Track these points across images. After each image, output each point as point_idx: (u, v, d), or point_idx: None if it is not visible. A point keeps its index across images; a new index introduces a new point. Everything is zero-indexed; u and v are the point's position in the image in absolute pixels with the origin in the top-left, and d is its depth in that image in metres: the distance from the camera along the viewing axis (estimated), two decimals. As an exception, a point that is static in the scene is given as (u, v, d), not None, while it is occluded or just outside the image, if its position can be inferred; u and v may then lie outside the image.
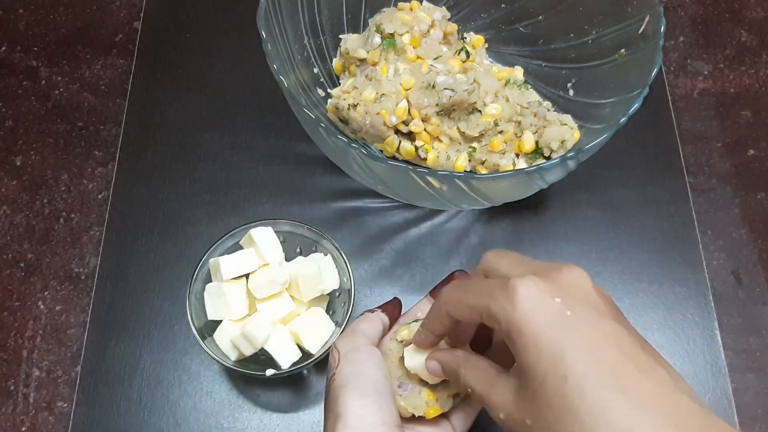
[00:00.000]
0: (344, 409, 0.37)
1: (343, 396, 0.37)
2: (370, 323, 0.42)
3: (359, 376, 0.38)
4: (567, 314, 0.31)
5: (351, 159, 0.47)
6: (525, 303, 0.31)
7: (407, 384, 0.40)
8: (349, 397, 0.37)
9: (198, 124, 0.63)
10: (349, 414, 0.36)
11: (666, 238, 0.59)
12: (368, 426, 0.36)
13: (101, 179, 0.61)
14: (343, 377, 0.38)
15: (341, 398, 0.37)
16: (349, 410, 0.37)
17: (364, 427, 0.36)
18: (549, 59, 0.60)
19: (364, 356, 0.39)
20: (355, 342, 0.40)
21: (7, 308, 0.56)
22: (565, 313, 0.31)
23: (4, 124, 0.64)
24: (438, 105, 0.53)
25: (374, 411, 0.37)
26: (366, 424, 0.36)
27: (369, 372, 0.39)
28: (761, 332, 0.56)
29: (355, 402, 0.37)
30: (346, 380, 0.38)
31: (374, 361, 0.39)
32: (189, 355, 0.53)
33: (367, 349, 0.40)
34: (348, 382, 0.38)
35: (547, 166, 0.44)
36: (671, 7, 0.72)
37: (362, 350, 0.40)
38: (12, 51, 0.68)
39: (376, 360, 0.40)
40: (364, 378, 0.38)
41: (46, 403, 0.53)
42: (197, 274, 0.49)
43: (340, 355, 0.40)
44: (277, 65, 0.49)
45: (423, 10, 0.58)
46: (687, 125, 0.65)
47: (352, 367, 0.39)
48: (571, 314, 0.31)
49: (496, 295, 0.33)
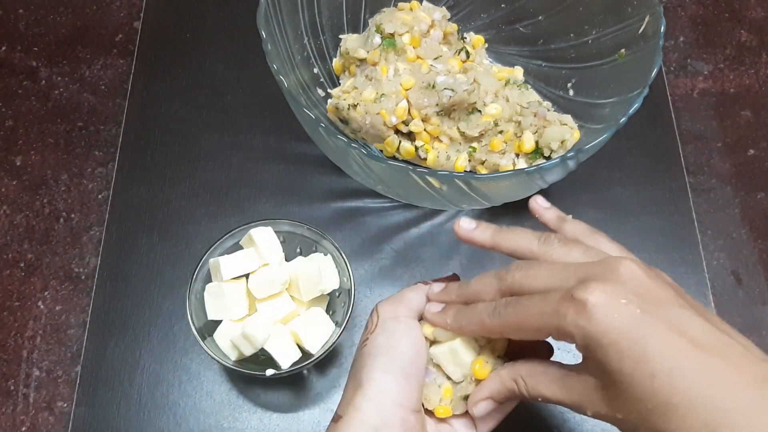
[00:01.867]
0: (367, 380, 0.36)
1: (369, 365, 0.36)
2: (417, 293, 0.40)
3: (391, 349, 0.37)
4: (637, 313, 0.31)
5: (351, 159, 0.47)
6: (598, 314, 0.31)
7: (433, 372, 0.39)
8: (374, 370, 0.36)
9: (198, 124, 0.63)
10: (371, 387, 0.36)
11: (666, 238, 0.59)
12: (386, 404, 0.35)
13: (101, 179, 0.61)
14: (375, 346, 0.37)
15: (367, 368, 0.36)
16: (372, 383, 0.36)
17: (382, 404, 0.35)
18: (549, 59, 0.60)
19: (401, 329, 0.38)
20: (397, 311, 0.39)
21: (7, 308, 0.56)
22: (635, 312, 0.31)
23: (4, 124, 0.64)
24: (438, 105, 0.53)
25: (396, 390, 0.36)
26: (384, 401, 0.36)
27: (402, 348, 0.37)
28: (761, 332, 0.56)
29: (381, 376, 0.36)
30: (377, 350, 0.37)
31: (411, 337, 0.38)
32: (189, 355, 0.53)
33: (407, 321, 0.39)
34: (379, 353, 0.37)
35: (547, 166, 0.45)
36: (671, 7, 0.72)
37: (402, 321, 0.38)
38: (12, 51, 0.68)
39: (413, 336, 0.38)
40: (395, 353, 0.37)
41: (46, 403, 0.53)
42: (197, 274, 0.49)
43: (378, 321, 0.38)
44: (277, 65, 0.49)
45: (423, 10, 0.58)
46: (687, 125, 0.65)
47: (386, 338, 0.38)
48: (640, 312, 0.31)
49: (565, 313, 0.32)
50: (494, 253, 0.57)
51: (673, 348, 0.30)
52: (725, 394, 0.29)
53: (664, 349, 0.30)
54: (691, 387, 0.30)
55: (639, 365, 0.30)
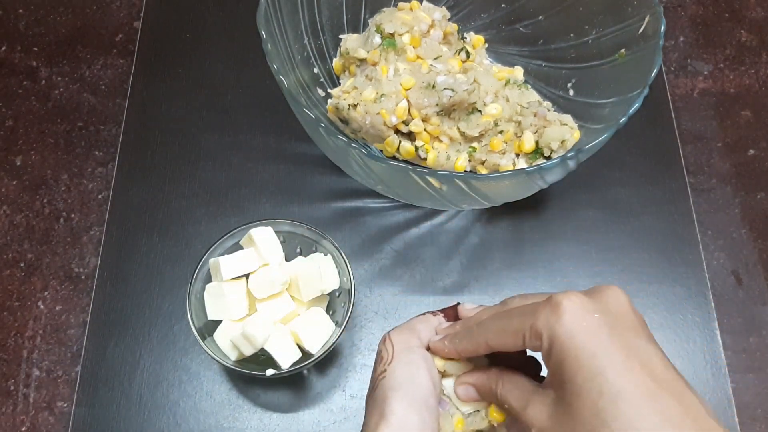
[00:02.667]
0: (390, 413, 0.36)
1: (391, 399, 0.37)
2: (426, 325, 0.41)
3: (411, 382, 0.38)
4: (605, 330, 0.31)
5: (351, 159, 0.47)
6: (568, 316, 0.32)
7: (447, 403, 0.40)
8: (398, 403, 0.37)
9: (198, 124, 0.63)
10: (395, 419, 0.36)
11: (666, 238, 0.59)
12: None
13: (101, 179, 0.61)
14: (395, 378, 0.38)
15: (389, 400, 0.37)
16: (395, 415, 0.36)
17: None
18: (549, 59, 0.60)
19: (417, 359, 0.39)
20: (410, 342, 0.39)
21: (7, 308, 0.56)
22: (605, 329, 0.31)
23: (4, 124, 0.64)
24: (438, 105, 0.53)
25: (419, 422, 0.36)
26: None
27: (421, 380, 0.38)
28: (761, 332, 0.56)
29: (403, 411, 0.36)
30: (398, 383, 0.37)
31: (427, 369, 0.39)
32: (189, 355, 0.53)
33: (421, 352, 0.39)
34: (400, 386, 0.37)
35: (547, 166, 0.44)
36: (671, 7, 0.72)
37: (417, 353, 0.39)
38: (12, 51, 0.68)
39: (429, 369, 0.39)
40: (415, 386, 0.38)
41: (46, 403, 0.53)
42: (197, 274, 0.49)
43: (394, 351, 0.39)
44: (277, 65, 0.49)
45: (423, 10, 0.58)
46: (687, 125, 0.65)
47: (406, 370, 0.38)
48: (610, 331, 0.31)
49: (540, 311, 0.33)
50: (494, 253, 0.58)
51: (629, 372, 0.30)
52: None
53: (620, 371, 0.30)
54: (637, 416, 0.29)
55: (591, 379, 0.30)
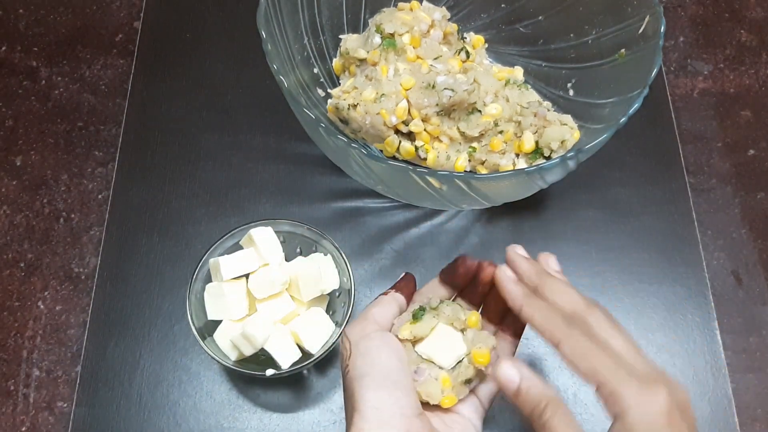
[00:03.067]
0: (361, 403, 0.36)
1: (358, 389, 0.37)
2: (383, 307, 0.41)
3: (373, 366, 0.37)
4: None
5: (351, 159, 0.47)
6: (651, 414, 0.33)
7: (425, 369, 0.40)
8: (365, 390, 0.36)
9: (198, 124, 0.63)
10: (366, 408, 0.36)
11: (666, 238, 0.59)
12: (386, 418, 0.36)
13: (101, 179, 0.61)
14: (356, 369, 0.38)
15: (357, 391, 0.37)
16: (366, 404, 0.36)
17: (382, 419, 0.35)
18: (549, 59, 0.60)
19: (375, 344, 0.38)
20: (365, 329, 0.39)
21: (7, 308, 0.56)
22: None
23: (4, 124, 0.64)
24: (438, 105, 0.53)
25: (392, 402, 0.36)
26: (384, 416, 0.36)
27: (383, 361, 0.38)
28: (761, 332, 0.56)
29: (371, 394, 0.36)
30: (360, 372, 0.37)
31: (388, 349, 0.38)
32: (189, 355, 0.53)
33: (378, 336, 0.39)
34: (363, 374, 0.37)
35: (547, 166, 0.44)
36: (671, 7, 0.72)
37: (373, 338, 0.39)
38: (12, 51, 0.68)
39: (390, 347, 0.39)
40: (378, 368, 0.37)
41: (46, 403, 0.53)
42: (197, 274, 0.49)
43: (351, 345, 0.39)
44: (277, 65, 0.49)
45: (423, 10, 0.58)
46: (687, 125, 0.65)
47: (365, 358, 0.38)
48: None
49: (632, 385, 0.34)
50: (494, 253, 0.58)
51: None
52: None
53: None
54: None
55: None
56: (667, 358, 0.54)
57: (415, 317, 0.41)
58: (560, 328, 0.37)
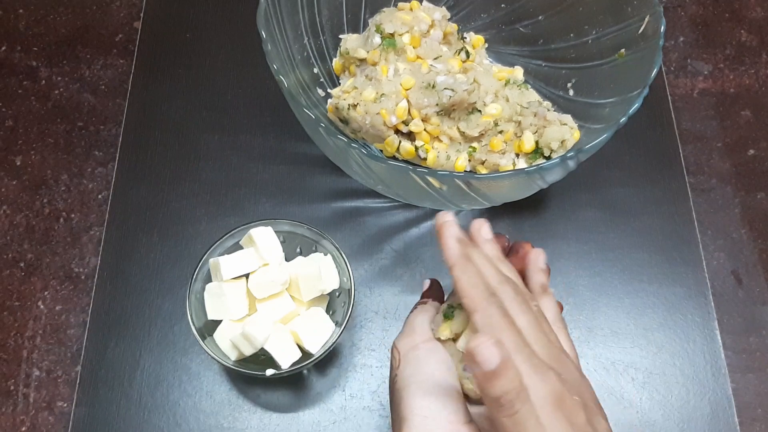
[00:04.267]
0: (408, 411, 0.36)
1: (405, 398, 0.37)
2: (425, 315, 0.41)
3: (420, 375, 0.38)
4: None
5: (351, 159, 0.47)
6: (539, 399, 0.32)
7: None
8: (412, 399, 0.37)
9: (198, 124, 0.63)
10: (414, 416, 0.36)
11: (666, 238, 0.59)
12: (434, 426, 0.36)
13: (101, 179, 0.61)
14: (404, 379, 0.38)
15: (404, 400, 0.37)
16: (413, 412, 0.36)
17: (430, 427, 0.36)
18: (549, 59, 0.60)
19: (423, 354, 0.39)
20: (414, 340, 0.40)
21: (7, 308, 0.56)
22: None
23: (4, 124, 0.64)
24: (438, 105, 0.53)
25: (438, 410, 0.36)
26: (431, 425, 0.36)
27: (430, 370, 0.38)
28: (761, 332, 0.56)
29: (418, 403, 0.36)
30: (407, 381, 0.38)
31: (435, 358, 0.39)
32: (189, 355, 0.53)
33: (425, 346, 0.39)
34: (410, 383, 0.37)
35: (547, 166, 0.45)
36: (671, 7, 0.72)
37: (421, 348, 0.39)
38: (12, 51, 0.68)
39: (437, 356, 0.39)
40: (425, 377, 0.38)
41: (46, 403, 0.53)
42: (197, 274, 0.49)
43: (400, 356, 0.39)
44: (277, 65, 0.49)
45: (423, 10, 0.58)
46: (687, 125, 0.65)
47: (413, 368, 0.38)
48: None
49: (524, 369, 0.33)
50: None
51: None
52: None
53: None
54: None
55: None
56: (667, 358, 0.54)
57: (446, 317, 0.41)
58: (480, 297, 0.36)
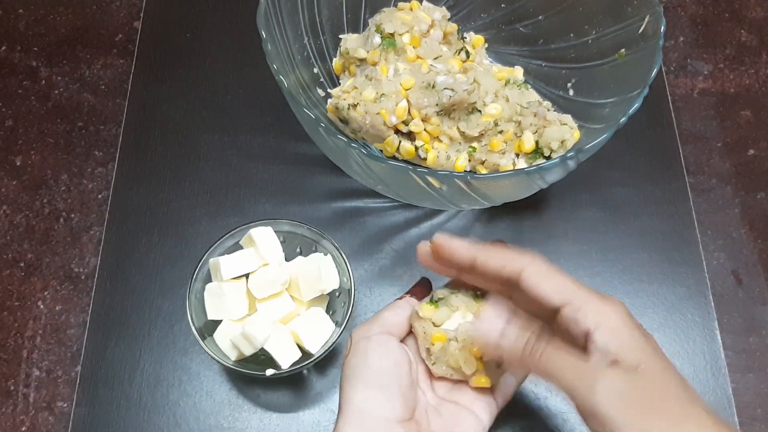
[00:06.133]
0: (345, 401, 0.36)
1: (346, 388, 0.37)
2: (394, 311, 0.41)
3: (364, 367, 0.37)
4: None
5: (351, 159, 0.47)
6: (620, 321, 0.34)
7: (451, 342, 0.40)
8: (352, 390, 0.36)
9: (198, 124, 0.63)
10: (349, 407, 0.36)
11: (666, 238, 0.59)
12: (366, 420, 0.35)
13: (101, 179, 0.61)
14: (349, 368, 0.38)
15: (344, 390, 0.37)
16: (349, 403, 0.36)
17: (363, 421, 0.35)
18: (549, 59, 0.60)
19: (373, 345, 0.38)
20: (369, 331, 0.39)
21: (7, 308, 0.56)
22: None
23: (4, 124, 0.64)
24: (438, 105, 0.53)
25: (376, 405, 0.36)
26: (366, 420, 0.35)
27: (375, 363, 0.37)
28: (761, 332, 0.56)
29: (357, 395, 0.36)
30: (351, 371, 0.37)
31: (383, 351, 0.38)
32: (189, 355, 0.53)
33: (378, 338, 0.39)
34: (352, 374, 0.37)
35: (547, 166, 0.45)
36: (671, 7, 0.72)
37: (373, 339, 0.39)
38: (12, 51, 0.68)
39: (387, 350, 0.38)
40: (368, 369, 0.37)
41: (46, 403, 0.53)
42: (197, 274, 0.49)
43: (351, 343, 0.39)
44: (277, 65, 0.49)
45: (423, 10, 0.58)
46: (687, 125, 0.65)
47: (358, 358, 0.38)
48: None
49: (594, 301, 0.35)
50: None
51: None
52: None
53: None
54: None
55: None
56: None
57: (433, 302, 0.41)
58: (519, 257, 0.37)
